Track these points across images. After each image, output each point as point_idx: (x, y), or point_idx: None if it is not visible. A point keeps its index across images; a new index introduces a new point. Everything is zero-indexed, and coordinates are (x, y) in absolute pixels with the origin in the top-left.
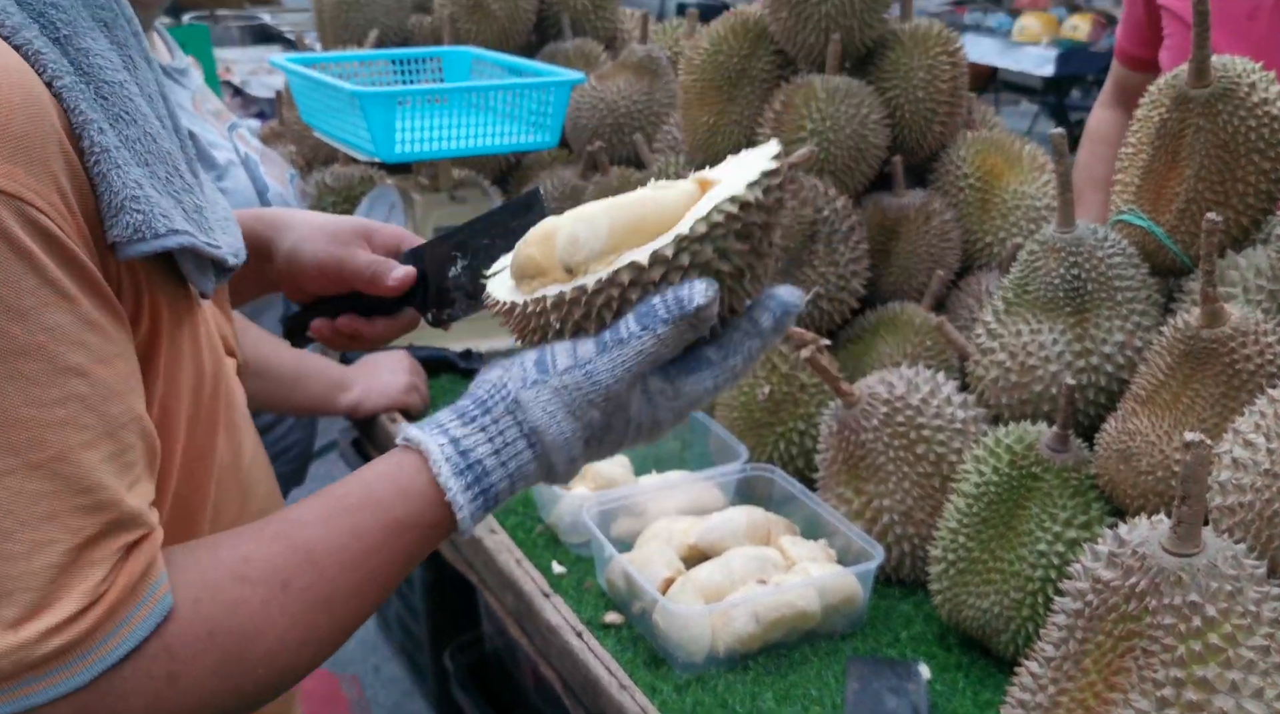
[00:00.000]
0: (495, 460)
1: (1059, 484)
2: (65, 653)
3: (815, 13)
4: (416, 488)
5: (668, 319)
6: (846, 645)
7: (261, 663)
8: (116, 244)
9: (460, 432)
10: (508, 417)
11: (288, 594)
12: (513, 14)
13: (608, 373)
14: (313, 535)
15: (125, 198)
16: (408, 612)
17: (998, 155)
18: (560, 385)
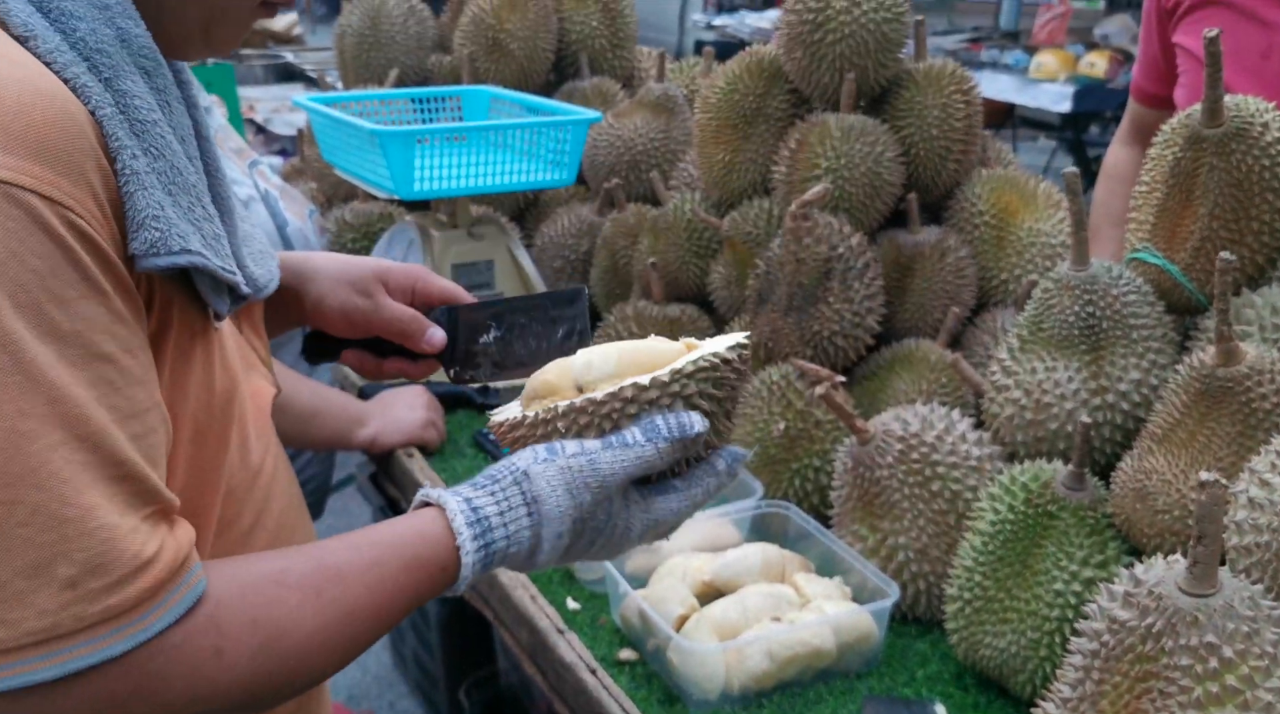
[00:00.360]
0: (499, 520)
1: (1075, 523)
2: (119, 615)
3: (830, 52)
4: (433, 533)
5: (668, 437)
6: (862, 684)
7: (293, 656)
8: (136, 256)
9: (472, 494)
10: (514, 486)
11: (319, 601)
12: (531, 54)
13: (608, 465)
14: (341, 559)
15: (147, 216)
16: (423, 648)
17: (1013, 193)
18: (565, 465)
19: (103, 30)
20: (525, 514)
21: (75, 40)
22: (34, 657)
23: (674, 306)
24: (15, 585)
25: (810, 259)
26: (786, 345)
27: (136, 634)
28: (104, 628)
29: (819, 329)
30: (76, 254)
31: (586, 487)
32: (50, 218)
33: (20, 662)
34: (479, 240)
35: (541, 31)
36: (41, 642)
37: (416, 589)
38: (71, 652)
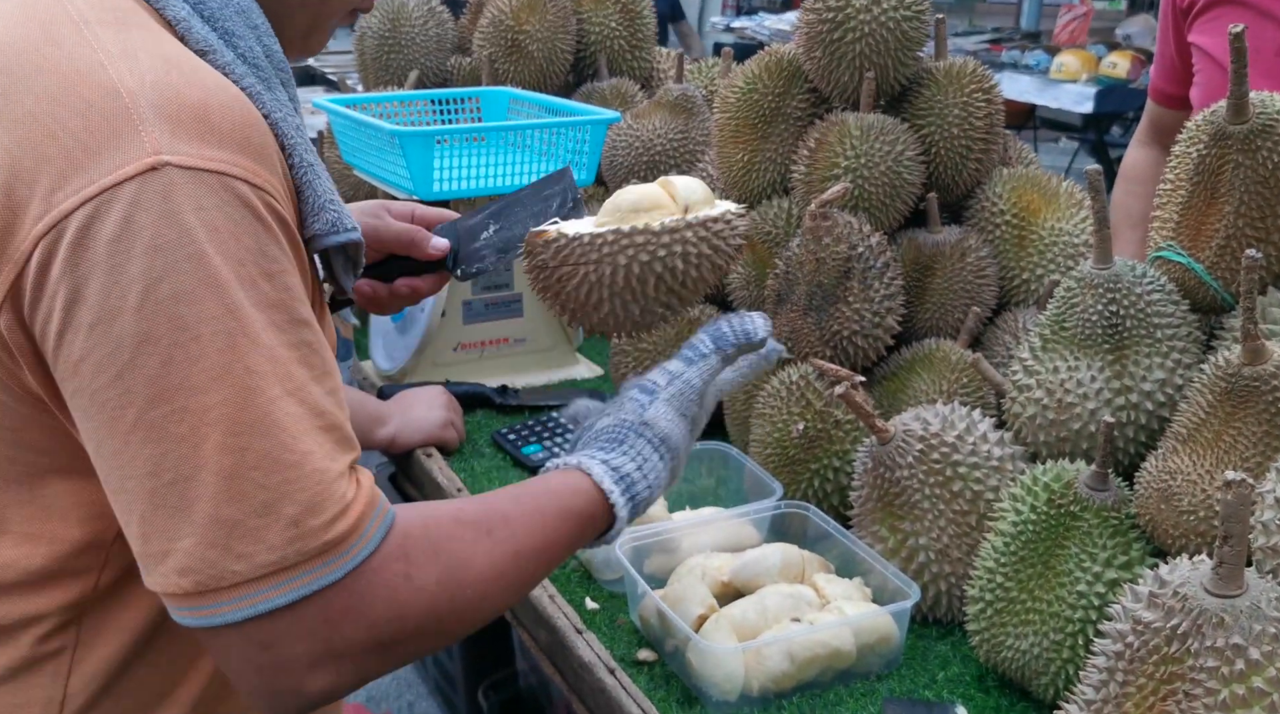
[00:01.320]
0: (639, 473)
1: (1098, 523)
2: (333, 547)
3: (849, 51)
4: (584, 488)
5: (735, 343)
6: (882, 686)
7: (470, 586)
8: (316, 236)
9: (606, 456)
10: (640, 439)
11: (491, 540)
12: (550, 55)
13: (698, 378)
14: (507, 507)
15: (325, 200)
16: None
17: (1034, 192)
18: (669, 396)
19: (256, 47)
20: (658, 458)
21: (240, 54)
22: (266, 587)
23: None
24: (249, 524)
25: (830, 259)
26: (806, 345)
27: (345, 563)
28: (321, 559)
29: (838, 329)
30: (276, 233)
31: (691, 402)
32: (257, 202)
33: (255, 592)
34: None
35: (560, 33)
36: (272, 573)
37: (571, 537)
38: (295, 581)
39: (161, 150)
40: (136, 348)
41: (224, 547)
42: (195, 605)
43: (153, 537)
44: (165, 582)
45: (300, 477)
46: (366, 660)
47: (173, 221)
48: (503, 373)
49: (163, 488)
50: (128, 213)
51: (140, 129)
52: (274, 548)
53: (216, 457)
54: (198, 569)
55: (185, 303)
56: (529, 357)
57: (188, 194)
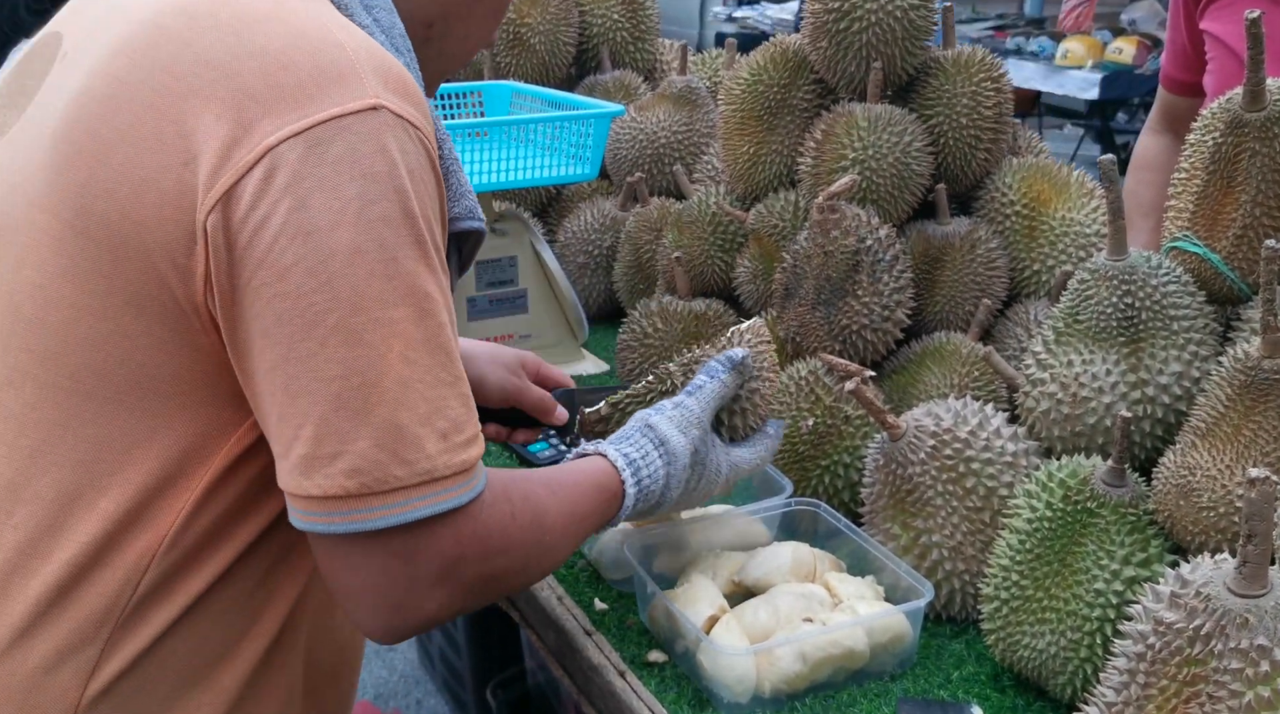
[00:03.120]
0: (644, 462)
1: (1116, 520)
2: (468, 469)
3: (856, 41)
4: (607, 469)
5: (725, 367)
6: (896, 686)
7: (549, 532)
8: (456, 218)
9: (618, 447)
10: (643, 437)
11: (555, 498)
12: (552, 48)
13: (697, 406)
14: (555, 475)
15: (464, 188)
16: (450, 647)
17: (1045, 182)
18: (670, 415)
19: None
20: (658, 456)
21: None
22: (418, 496)
23: (699, 301)
24: (414, 431)
25: (838, 252)
26: (814, 340)
27: (475, 486)
28: (461, 477)
29: (847, 323)
30: (442, 189)
31: (690, 425)
32: (431, 153)
33: (409, 500)
34: (502, 237)
35: (562, 25)
36: (425, 482)
37: (602, 508)
38: (442, 495)
39: (380, 96)
40: (350, 258)
41: (392, 451)
42: (351, 510)
43: (327, 438)
44: (329, 483)
45: (453, 396)
46: (476, 588)
47: (385, 156)
48: None
49: (351, 390)
50: (351, 141)
51: (363, 77)
52: (430, 456)
53: (398, 366)
54: (367, 470)
55: (390, 226)
56: (535, 352)
57: (396, 136)
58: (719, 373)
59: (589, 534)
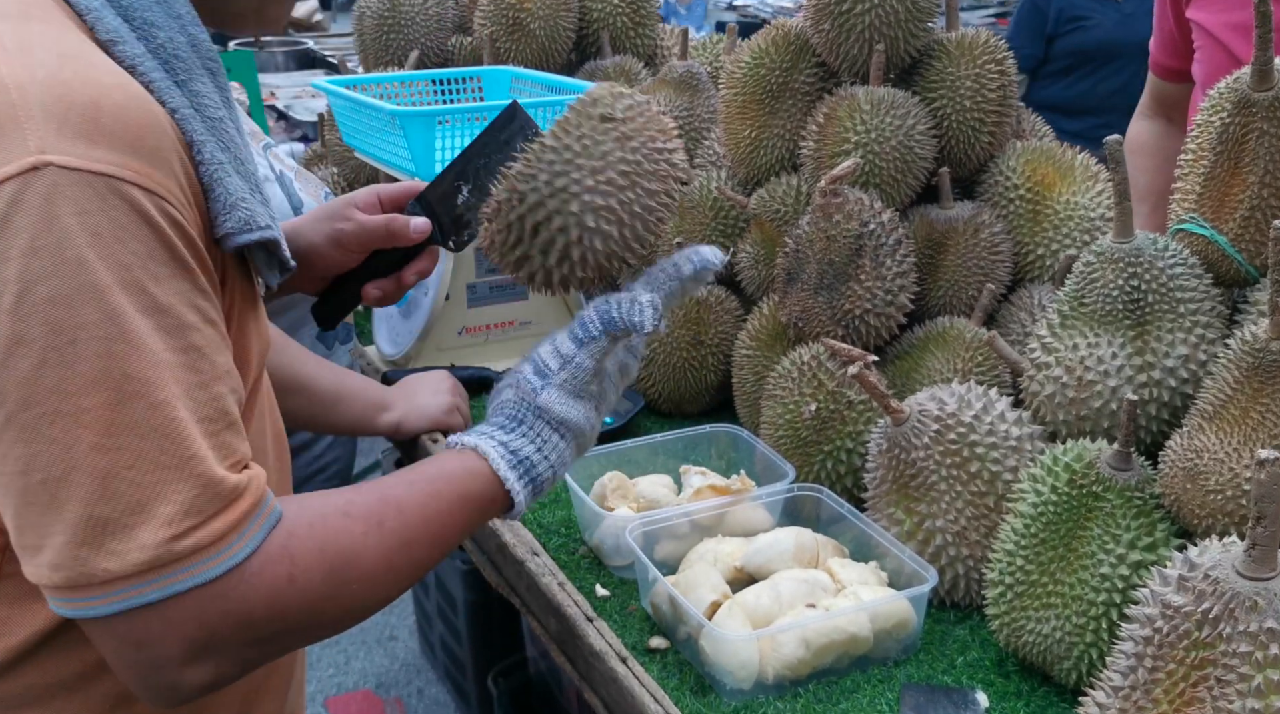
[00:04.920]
0: (539, 455)
1: (1122, 504)
2: (208, 546)
3: (858, 24)
4: (480, 471)
5: (622, 326)
6: (900, 672)
7: (357, 581)
8: (228, 234)
9: (505, 437)
10: (539, 422)
11: (381, 531)
12: (552, 33)
13: (590, 360)
14: (400, 493)
15: (237, 198)
16: (451, 635)
17: (1049, 165)
18: (561, 382)
19: (178, 37)
20: (559, 439)
21: (155, 47)
22: (137, 584)
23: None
24: (123, 522)
25: (840, 236)
26: (817, 325)
27: (221, 563)
28: (195, 558)
29: (850, 307)
30: (169, 237)
31: (584, 385)
32: (148, 206)
33: (126, 589)
34: None
35: (562, 10)
36: (144, 571)
37: (468, 520)
38: (168, 579)
39: (45, 150)
40: (9, 350)
41: (95, 545)
42: (68, 598)
43: (26, 530)
44: (38, 574)
45: (178, 478)
46: (246, 654)
47: (52, 224)
48: (508, 357)
49: (33, 487)
50: (5, 213)
51: (24, 127)
52: (146, 546)
53: (91, 457)
54: (68, 565)
55: (62, 307)
56: (535, 339)
57: (70, 196)
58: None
59: (447, 552)
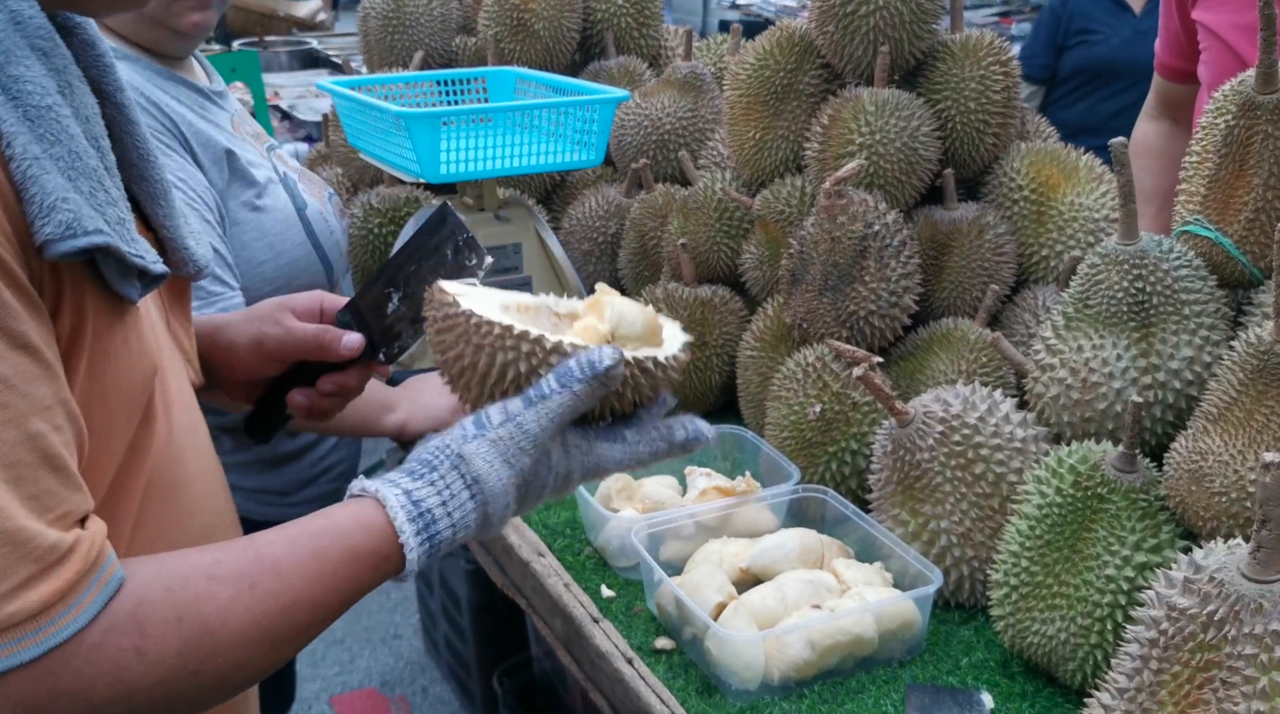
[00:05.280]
0: (443, 510)
1: (1126, 506)
2: (28, 620)
3: (863, 25)
4: (375, 524)
5: (582, 378)
6: (905, 673)
7: (222, 653)
8: (48, 242)
9: (411, 485)
10: (453, 472)
11: (253, 595)
12: (556, 33)
13: (535, 424)
14: (279, 551)
15: (56, 199)
16: (455, 634)
17: (1053, 166)
18: (496, 437)
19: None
20: (469, 497)
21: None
22: None
23: (705, 288)
24: None
25: (845, 238)
26: (821, 326)
27: (49, 638)
28: (13, 633)
29: (854, 309)
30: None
31: (522, 451)
32: None
33: None
34: (506, 223)
35: (566, 11)
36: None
37: (356, 580)
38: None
39: None
40: None
41: None
42: None
43: None
44: None
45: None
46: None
47: None
48: None
49: None
50: None
51: None
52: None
53: None
54: None
55: None
56: None
57: None
58: (573, 382)
59: (334, 617)
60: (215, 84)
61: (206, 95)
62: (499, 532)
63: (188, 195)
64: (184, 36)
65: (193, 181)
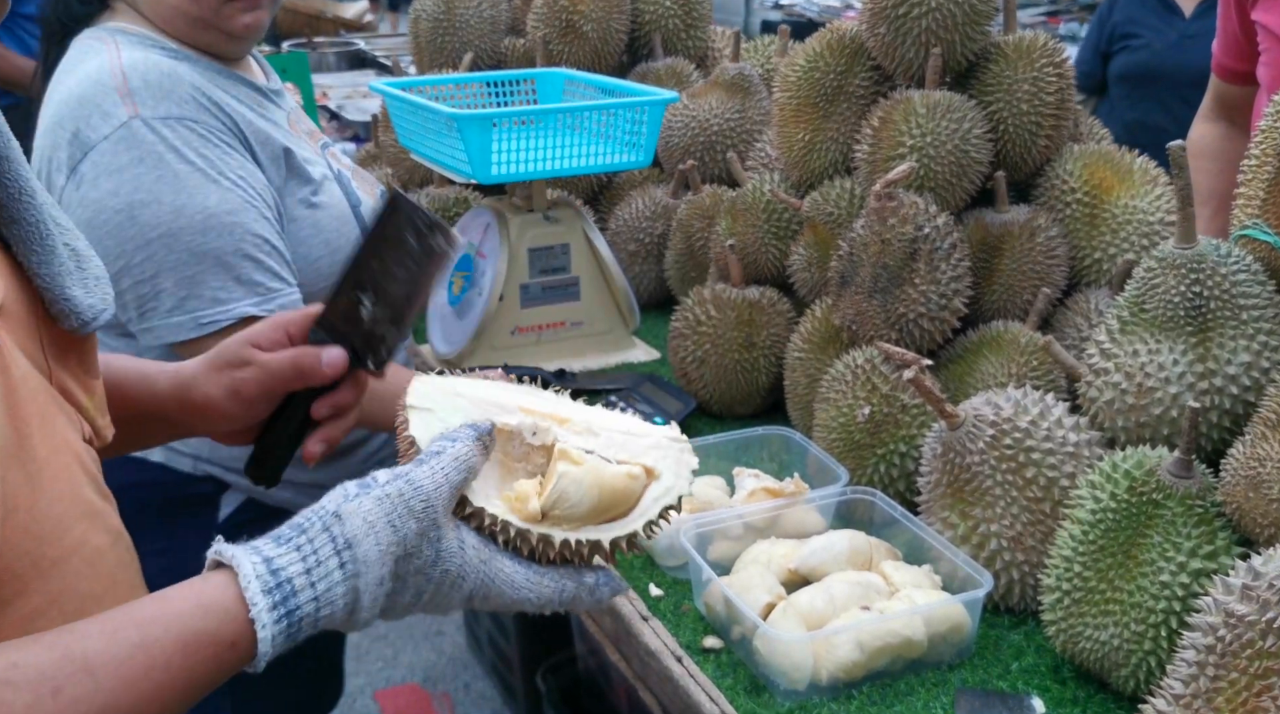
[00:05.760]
0: (305, 579)
1: (1182, 512)
2: None
3: (915, 27)
4: (219, 603)
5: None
6: (954, 676)
7: None
8: None
9: (274, 551)
10: (324, 534)
11: (57, 702)
12: (605, 35)
13: (429, 479)
14: (93, 646)
15: None
16: (499, 631)
17: (1107, 168)
18: (383, 494)
19: None
20: (337, 565)
21: None
22: None
23: (753, 289)
24: None
25: (895, 240)
26: (870, 328)
27: None
28: None
29: (904, 311)
30: None
31: (411, 512)
32: None
33: None
34: (555, 224)
35: (615, 13)
36: None
37: (192, 674)
38: None
39: None
40: None
41: None
42: None
43: None
44: None
45: None
46: None
47: None
48: (560, 356)
49: None
50: None
51: None
52: None
53: None
54: None
55: None
56: (586, 340)
57: None
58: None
59: None
60: (273, 82)
61: (265, 93)
62: (369, 621)
63: (247, 193)
64: (237, 38)
65: (252, 179)
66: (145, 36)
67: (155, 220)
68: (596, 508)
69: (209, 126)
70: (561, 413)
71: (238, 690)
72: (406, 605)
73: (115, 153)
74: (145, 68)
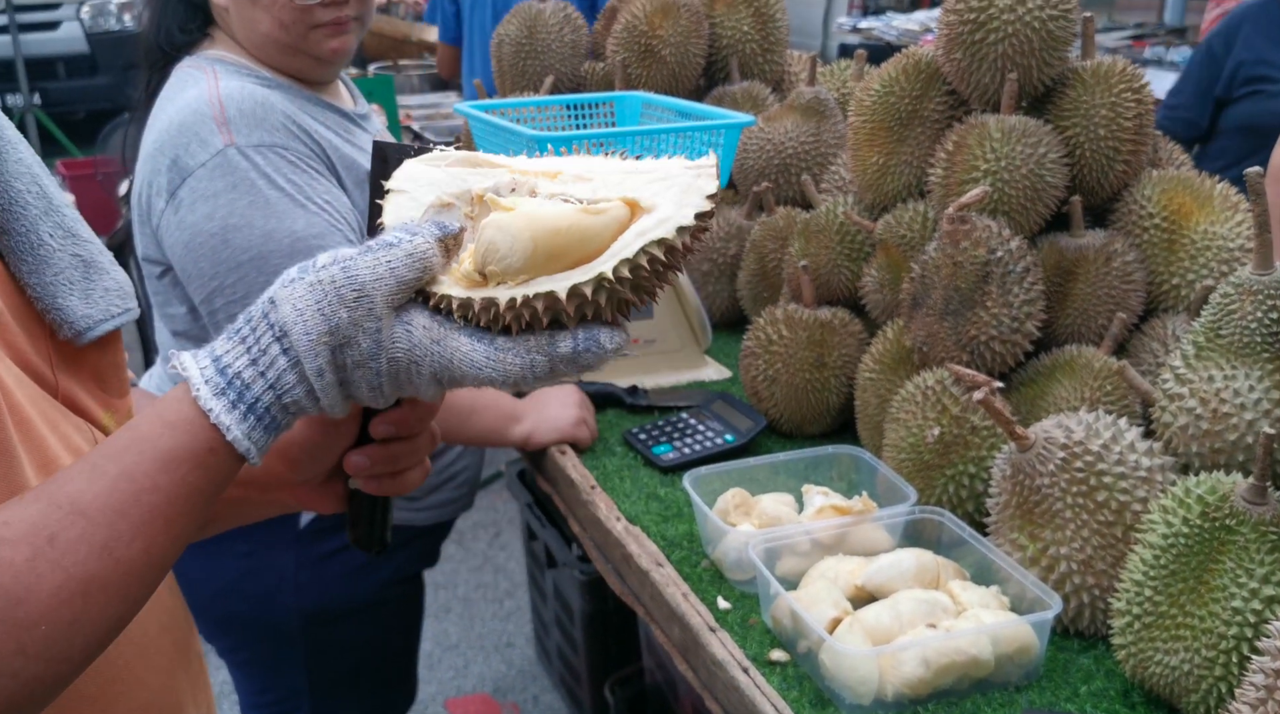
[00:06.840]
0: (253, 371)
1: (1256, 538)
2: None
3: (991, 53)
4: (183, 416)
5: (437, 232)
6: (1022, 697)
7: (41, 620)
8: None
9: (223, 348)
10: (263, 321)
11: (56, 548)
12: (682, 59)
13: (368, 271)
14: (77, 488)
15: None
16: (568, 643)
17: (1186, 194)
18: (315, 280)
19: None
20: (280, 352)
21: None
22: None
23: (825, 310)
24: None
25: (967, 263)
26: (942, 350)
27: None
28: None
29: (975, 334)
30: None
31: (342, 301)
32: None
33: None
34: None
35: (693, 37)
36: None
37: (186, 487)
38: None
39: None
40: None
41: None
42: None
43: None
44: None
45: None
46: None
47: None
48: (633, 373)
49: None
50: None
51: None
52: None
53: None
54: None
55: None
56: (658, 357)
57: None
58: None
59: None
60: (360, 107)
61: (351, 118)
62: (338, 409)
63: (332, 217)
64: (325, 63)
65: (337, 203)
66: (241, 65)
67: (247, 243)
68: (539, 254)
69: (298, 153)
70: (556, 168)
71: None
72: (369, 396)
73: (211, 179)
74: (240, 97)
